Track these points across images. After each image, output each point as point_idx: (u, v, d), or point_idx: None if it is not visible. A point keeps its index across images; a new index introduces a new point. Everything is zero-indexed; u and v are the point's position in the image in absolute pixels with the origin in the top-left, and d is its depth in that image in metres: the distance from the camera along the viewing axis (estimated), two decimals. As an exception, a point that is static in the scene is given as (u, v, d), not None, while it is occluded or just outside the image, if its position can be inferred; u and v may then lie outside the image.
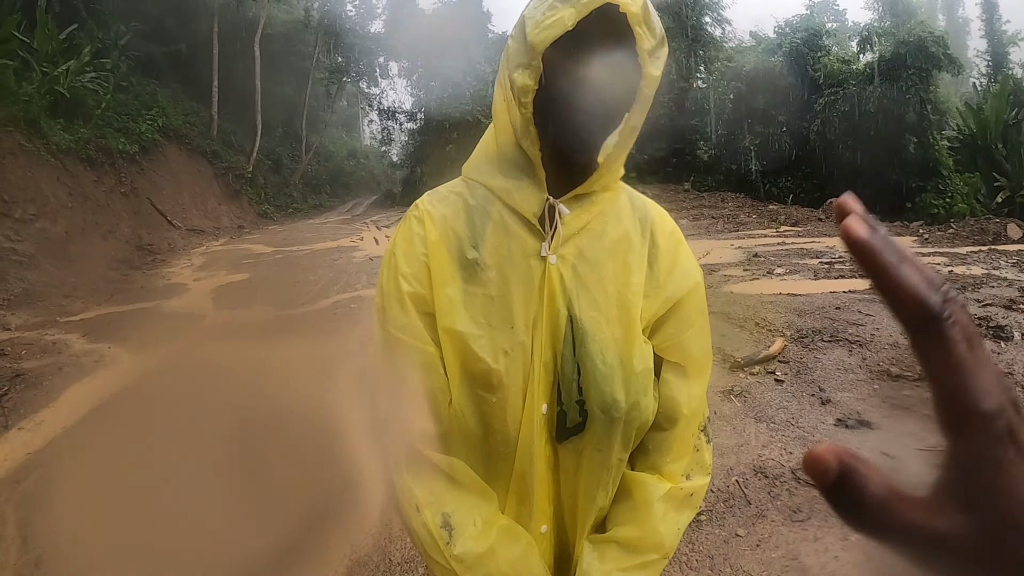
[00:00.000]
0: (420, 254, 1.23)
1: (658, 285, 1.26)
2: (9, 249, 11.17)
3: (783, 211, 21.49)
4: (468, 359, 1.18)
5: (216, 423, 5.38)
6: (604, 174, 1.21)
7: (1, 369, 7.00)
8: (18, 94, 14.12)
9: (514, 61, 1.16)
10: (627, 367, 1.20)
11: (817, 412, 5.15)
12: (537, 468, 1.22)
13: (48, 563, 3.84)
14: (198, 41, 26.19)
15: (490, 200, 1.25)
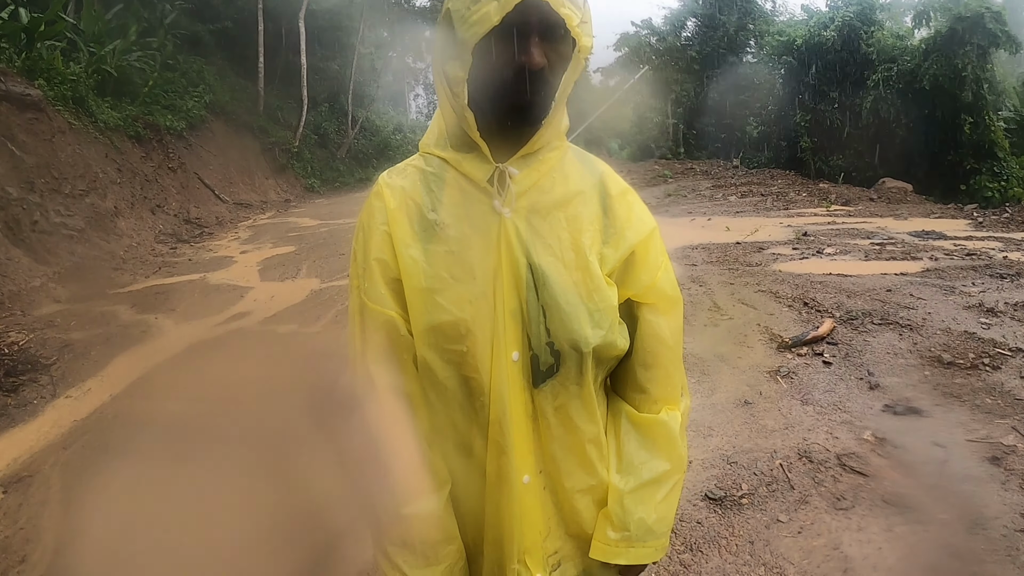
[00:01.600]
0: (380, 223, 1.33)
1: (616, 231, 1.34)
2: (60, 224, 11.37)
3: (834, 190, 21.09)
4: (434, 312, 1.26)
5: (254, 400, 5.42)
6: (544, 133, 1.28)
7: (50, 339, 7.15)
8: (66, 74, 14.33)
9: (445, 53, 1.26)
10: (590, 304, 1.28)
11: (865, 397, 5.05)
12: (513, 415, 1.28)
13: (87, 529, 3.89)
14: (243, 18, 26.22)
15: (445, 168, 1.34)
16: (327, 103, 33.20)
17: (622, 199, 1.38)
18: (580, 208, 1.33)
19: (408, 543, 1.32)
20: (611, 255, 1.32)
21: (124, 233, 13.09)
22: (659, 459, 1.39)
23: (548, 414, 1.31)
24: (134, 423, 5.27)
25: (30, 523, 3.96)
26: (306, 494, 4.20)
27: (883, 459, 4.13)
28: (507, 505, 1.31)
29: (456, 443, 1.37)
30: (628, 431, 1.42)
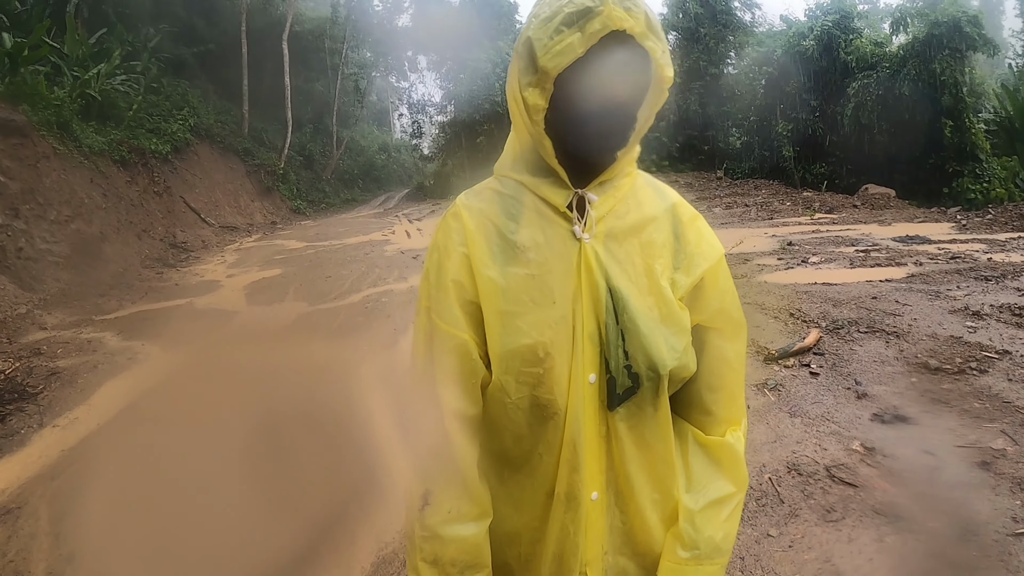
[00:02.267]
0: (458, 244, 1.31)
1: (687, 257, 1.34)
2: (45, 250, 11.32)
3: (817, 198, 21.10)
4: (514, 335, 1.25)
5: (245, 420, 5.42)
6: (622, 161, 1.30)
7: (37, 368, 7.10)
8: (50, 98, 14.32)
9: (524, 79, 1.23)
10: (665, 328, 1.29)
11: (853, 407, 5.04)
12: (587, 436, 1.29)
13: (79, 559, 3.86)
14: (227, 41, 26.36)
15: (522, 191, 1.34)
16: (312, 124, 33.34)
17: (692, 225, 1.39)
18: (653, 234, 1.34)
19: (439, 562, 1.32)
20: (682, 280, 1.33)
21: (110, 259, 13.02)
22: (724, 479, 1.40)
23: (622, 434, 1.31)
24: (123, 451, 5.22)
25: (19, 555, 3.90)
26: (299, 516, 4.20)
27: (872, 469, 4.10)
28: (573, 521, 1.33)
29: (517, 462, 1.38)
30: (695, 452, 1.42)
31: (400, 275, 11.22)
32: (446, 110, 35.97)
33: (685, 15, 28.81)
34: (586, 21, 1.13)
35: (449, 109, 35.34)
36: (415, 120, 40.15)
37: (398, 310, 8.73)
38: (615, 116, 1.19)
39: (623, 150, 1.26)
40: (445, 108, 36.23)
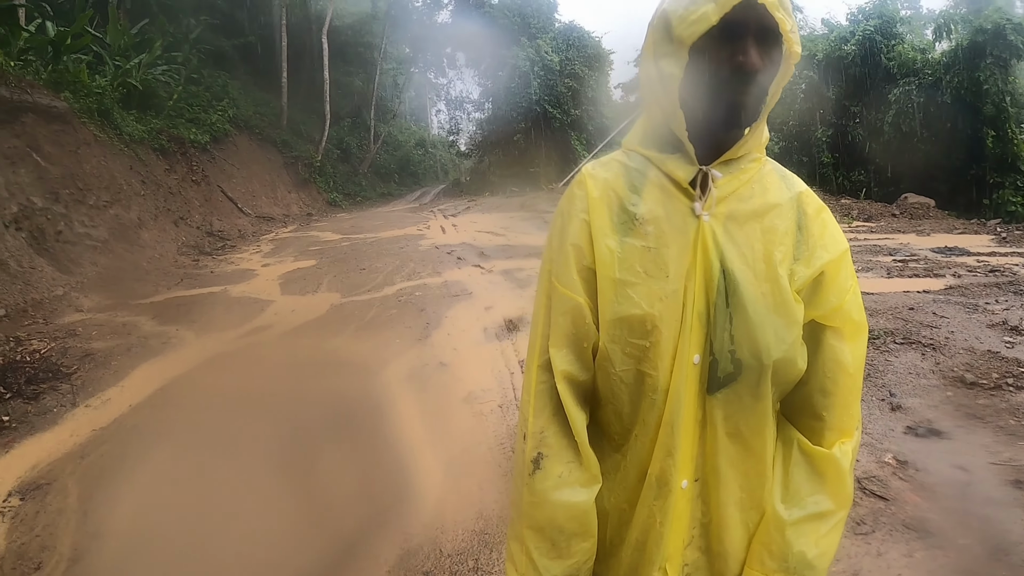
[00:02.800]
0: (580, 211, 1.35)
1: (809, 249, 1.32)
2: (84, 234, 11.44)
3: (856, 205, 20.78)
4: (624, 304, 1.27)
5: (275, 410, 5.46)
6: (748, 139, 1.31)
7: (72, 348, 7.15)
8: (91, 87, 14.60)
9: (660, 50, 1.28)
10: (776, 317, 1.26)
11: (887, 418, 4.91)
12: (684, 420, 1.28)
13: (105, 536, 3.86)
14: (267, 34, 26.60)
15: (647, 165, 1.36)
16: (349, 118, 33.46)
17: (817, 217, 1.36)
18: (775, 221, 1.32)
19: (545, 530, 1.32)
20: (801, 272, 1.30)
21: (147, 244, 13.15)
22: (826, 494, 1.34)
23: (717, 422, 1.29)
24: (153, 433, 5.23)
25: (46, 531, 3.92)
26: (326, 500, 4.18)
27: (904, 482, 3.99)
28: (660, 508, 1.31)
29: (614, 439, 1.39)
30: (798, 461, 1.37)
31: (434, 270, 11.16)
32: (484, 107, 35.92)
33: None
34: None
35: (487, 106, 35.28)
36: (452, 116, 40.19)
37: (431, 304, 8.71)
38: (746, 86, 1.21)
39: (752, 126, 1.28)
40: (483, 105, 36.18)
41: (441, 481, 4.29)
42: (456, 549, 3.58)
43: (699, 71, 1.23)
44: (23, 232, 10.15)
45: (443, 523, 3.81)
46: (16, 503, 4.27)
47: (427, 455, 4.64)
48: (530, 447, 1.33)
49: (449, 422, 5.14)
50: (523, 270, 10.31)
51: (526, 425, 1.36)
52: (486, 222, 18.23)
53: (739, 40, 1.20)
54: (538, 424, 1.34)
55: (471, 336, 7.11)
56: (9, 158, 10.81)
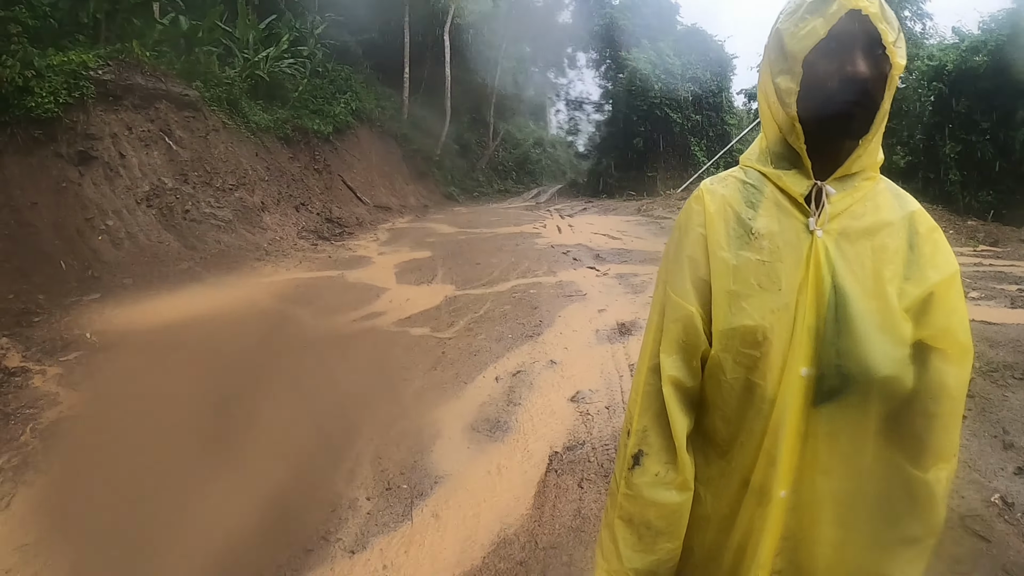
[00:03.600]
0: (698, 225, 1.39)
1: (919, 269, 1.32)
2: (209, 214, 11.89)
3: (982, 228, 19.30)
4: (738, 315, 1.30)
5: (387, 390, 5.63)
6: (862, 155, 1.32)
7: (192, 319, 7.46)
8: (221, 77, 15.35)
9: (776, 67, 1.34)
10: (884, 334, 1.26)
11: (998, 456, 4.51)
12: (788, 430, 1.29)
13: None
14: (390, 30, 27.00)
15: (763, 182, 1.40)
16: (469, 114, 33.76)
17: (929, 236, 1.36)
18: (887, 239, 1.33)
19: (634, 523, 1.38)
20: (911, 291, 1.31)
21: (269, 227, 13.56)
22: (918, 519, 1.35)
23: (819, 435, 1.30)
24: (266, 401, 5.31)
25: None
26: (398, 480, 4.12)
27: (1009, 525, 3.69)
28: (761, 516, 1.33)
29: (720, 445, 1.41)
30: (894, 483, 1.35)
31: (549, 269, 11.03)
32: (603, 109, 35.79)
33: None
34: (826, 5, 1.24)
35: (606, 108, 35.11)
36: (571, 117, 40.29)
37: (545, 302, 8.60)
38: (857, 93, 1.23)
39: (866, 137, 1.29)
40: (602, 107, 36.07)
41: (541, 475, 4.30)
42: (551, 543, 3.59)
43: (813, 83, 1.27)
44: (153, 209, 10.60)
45: (541, 516, 3.84)
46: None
47: (530, 450, 4.66)
48: (632, 443, 1.40)
49: (555, 420, 5.10)
50: (638, 275, 10.05)
51: (631, 422, 1.43)
52: (602, 224, 17.98)
53: (847, 51, 1.24)
54: (642, 423, 1.40)
55: (583, 337, 6.99)
56: (143, 141, 11.33)
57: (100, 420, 4.99)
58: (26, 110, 9.05)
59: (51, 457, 4.36)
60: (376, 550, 3.55)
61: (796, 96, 1.29)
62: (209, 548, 3.48)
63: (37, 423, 4.75)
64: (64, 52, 10.55)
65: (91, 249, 9.04)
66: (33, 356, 5.99)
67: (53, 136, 9.48)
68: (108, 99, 10.92)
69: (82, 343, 6.38)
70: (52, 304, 7.43)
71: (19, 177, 8.75)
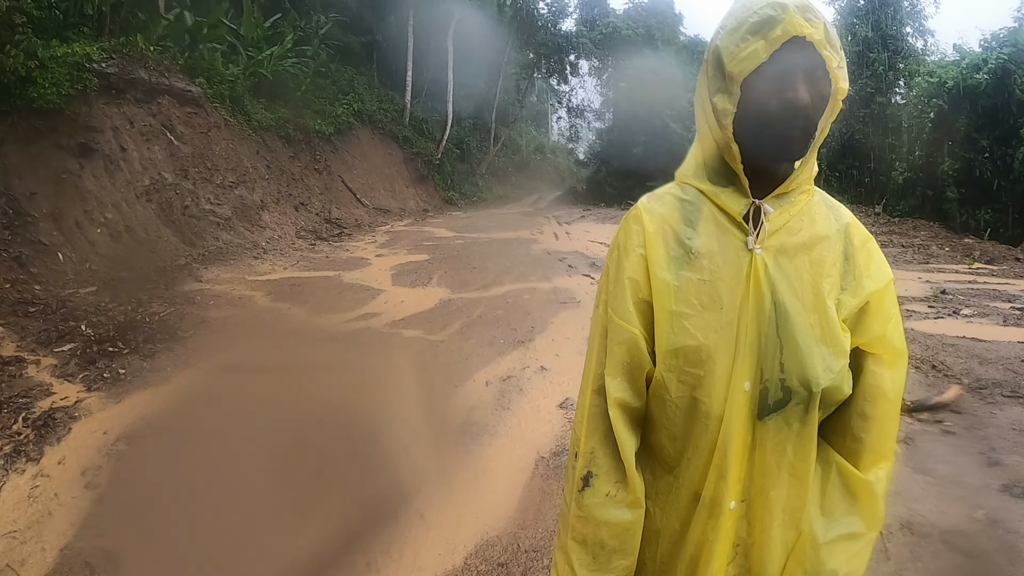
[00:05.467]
0: (637, 246, 1.39)
1: (855, 279, 1.36)
2: (209, 211, 11.90)
3: (978, 246, 19.14)
4: (681, 335, 1.31)
5: (371, 392, 5.63)
6: (799, 175, 1.34)
7: (189, 315, 7.37)
8: (224, 74, 15.40)
9: (713, 86, 1.34)
10: (824, 346, 1.30)
11: (983, 473, 4.51)
12: (735, 444, 1.31)
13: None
14: (394, 33, 26.99)
15: (701, 200, 1.40)
16: (471, 119, 33.83)
17: (863, 247, 1.40)
18: (824, 253, 1.36)
19: (588, 543, 1.39)
20: (848, 302, 1.35)
21: (267, 225, 13.60)
22: (859, 516, 1.39)
23: (766, 447, 1.34)
24: (254, 402, 5.33)
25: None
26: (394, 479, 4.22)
27: (992, 543, 3.69)
28: (713, 528, 1.35)
29: (667, 462, 1.43)
30: (835, 483, 1.41)
31: (544, 275, 11.08)
32: (604, 117, 35.90)
33: (854, 38, 27.01)
34: (769, 29, 1.22)
35: (607, 116, 35.25)
36: (572, 124, 40.35)
37: (538, 308, 8.63)
38: (797, 120, 1.24)
39: (801, 160, 1.31)
40: (603, 115, 36.15)
41: (527, 479, 4.33)
42: (533, 546, 3.61)
43: (750, 106, 1.27)
44: (152, 204, 10.61)
45: (524, 520, 3.86)
46: (123, 448, 4.40)
47: (515, 452, 4.69)
48: (580, 465, 1.41)
49: (543, 425, 5.13)
50: (632, 284, 10.04)
51: (578, 444, 1.43)
52: (599, 232, 18.03)
53: (788, 76, 1.23)
54: (590, 444, 1.41)
55: (574, 344, 7.00)
56: (145, 135, 11.34)
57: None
58: (28, 100, 9.02)
59: (45, 448, 4.39)
60: (358, 548, 3.57)
61: (733, 117, 1.30)
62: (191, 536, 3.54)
63: (30, 412, 4.75)
64: (68, 44, 10.55)
65: (89, 241, 9.03)
66: (28, 346, 5.98)
67: (54, 127, 9.46)
68: (111, 92, 10.91)
69: (77, 335, 6.38)
70: (48, 295, 7.42)
71: (19, 167, 8.73)
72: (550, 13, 36.17)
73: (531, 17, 34.72)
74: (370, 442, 4.70)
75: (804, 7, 1.23)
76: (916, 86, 25.26)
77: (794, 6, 1.23)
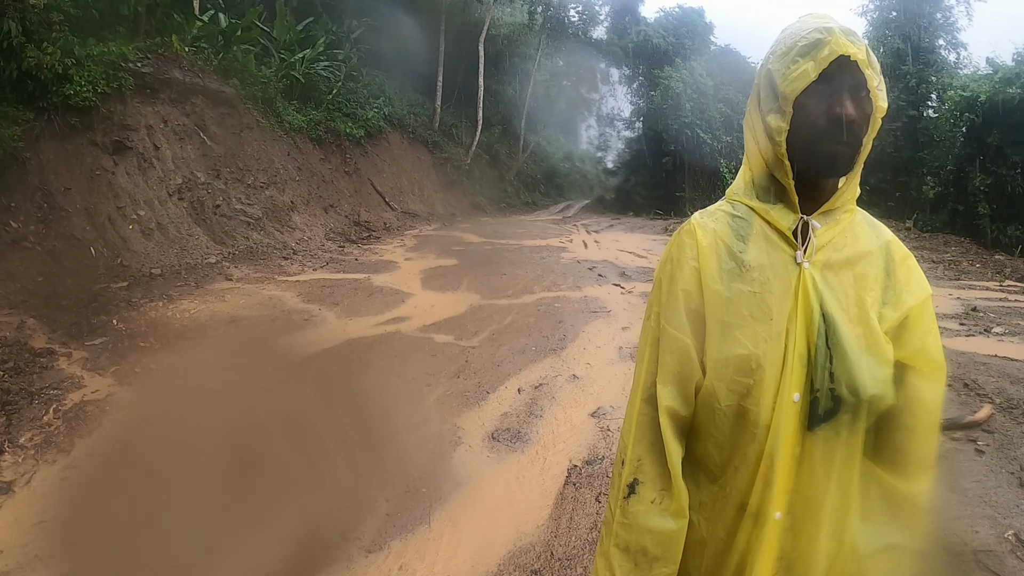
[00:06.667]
0: (691, 258, 1.45)
1: (896, 293, 1.41)
2: (240, 210, 11.95)
3: (1010, 263, 18.61)
4: (731, 345, 1.36)
5: (410, 395, 5.64)
6: (845, 191, 1.42)
7: (219, 313, 7.33)
8: (258, 76, 15.50)
9: (766, 107, 1.42)
10: (870, 357, 1.33)
11: (1014, 493, 4.41)
12: (783, 454, 1.33)
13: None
14: (426, 38, 27.05)
15: (752, 216, 1.47)
16: (500, 125, 33.81)
17: (903, 263, 1.45)
18: (866, 268, 1.41)
19: (631, 550, 1.41)
20: (889, 315, 1.39)
21: (297, 227, 13.65)
22: (900, 528, 1.40)
23: (814, 458, 1.34)
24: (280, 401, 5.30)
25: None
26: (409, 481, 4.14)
27: (1021, 562, 3.65)
28: (757, 538, 1.36)
29: (712, 471, 1.44)
30: (877, 495, 1.42)
31: (575, 283, 11.01)
32: (634, 126, 35.76)
33: (886, 49, 26.67)
34: (817, 50, 1.31)
35: (637, 125, 35.08)
36: (602, 132, 40.37)
37: (569, 317, 8.57)
38: (843, 135, 1.31)
39: (849, 175, 1.39)
40: (633, 124, 36.03)
41: (560, 487, 4.29)
42: (567, 554, 3.58)
43: (802, 123, 1.34)
44: (184, 202, 10.67)
45: (558, 527, 3.84)
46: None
47: (548, 460, 4.67)
48: (627, 472, 1.44)
49: (575, 433, 5.09)
50: (663, 295, 9.90)
51: (625, 452, 1.47)
52: (629, 242, 17.97)
53: (836, 94, 1.31)
54: (637, 452, 1.44)
55: (605, 354, 6.97)
56: (178, 134, 11.42)
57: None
58: (64, 97, 9.10)
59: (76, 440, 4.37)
60: (392, 551, 3.56)
61: (786, 135, 1.36)
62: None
63: (60, 404, 4.76)
64: (104, 43, 10.65)
65: (121, 237, 9.08)
66: (59, 339, 6.00)
67: (90, 124, 9.55)
68: (145, 91, 10.99)
69: (108, 329, 6.38)
70: (80, 289, 7.46)
71: (54, 162, 8.80)
72: (581, 21, 36.15)
73: (562, 24, 34.69)
74: (404, 447, 4.71)
75: (848, 31, 1.33)
76: (948, 100, 24.77)
77: (839, 29, 1.32)
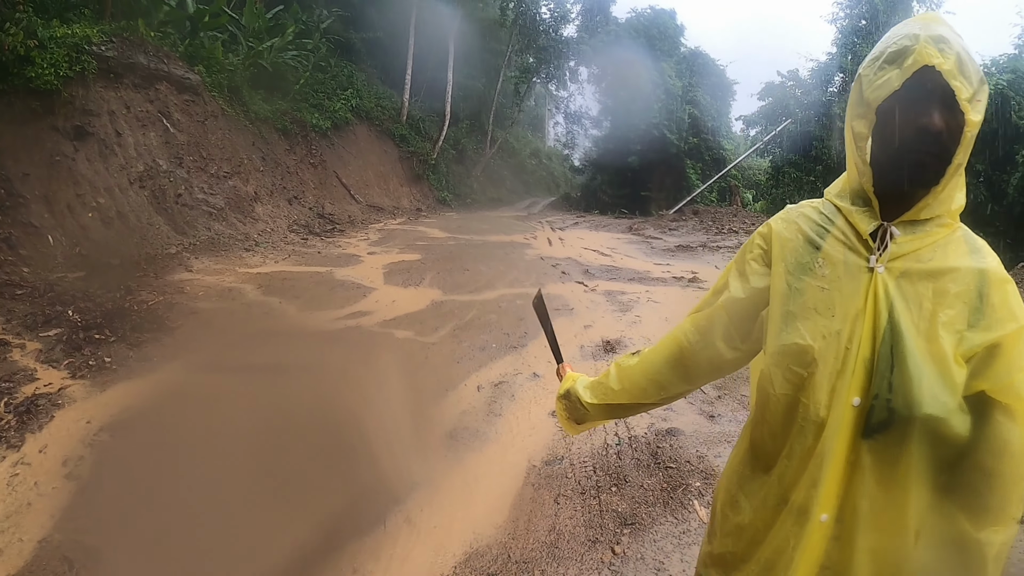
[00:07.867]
0: (758, 246, 1.58)
1: (986, 318, 1.32)
2: (202, 200, 11.82)
3: None
4: (791, 334, 1.40)
5: (357, 395, 5.56)
6: (931, 203, 1.37)
7: (178, 305, 7.30)
8: (224, 64, 15.23)
9: (854, 112, 1.42)
10: (933, 375, 1.28)
11: None
12: (835, 456, 1.33)
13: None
14: (396, 30, 26.87)
15: (836, 215, 1.49)
16: (468, 120, 33.73)
17: (1000, 287, 1.36)
18: (949, 284, 1.34)
19: (598, 380, 1.94)
20: (975, 338, 1.31)
21: (260, 218, 13.52)
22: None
23: (867, 466, 1.32)
24: (240, 398, 5.26)
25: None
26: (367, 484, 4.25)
27: None
28: (796, 535, 1.38)
29: (764, 460, 1.50)
30: (945, 539, 1.32)
31: (538, 280, 11.00)
32: (601, 125, 35.72)
33: (855, 57, 27.13)
34: (903, 58, 1.30)
35: (604, 124, 35.04)
36: (569, 130, 40.24)
37: (531, 314, 8.47)
38: (928, 147, 1.30)
39: (936, 188, 1.34)
40: (600, 123, 36.00)
41: (518, 488, 4.28)
42: (524, 557, 3.57)
43: (884, 131, 1.34)
44: (145, 191, 10.53)
45: (515, 529, 3.82)
46: (106, 438, 4.33)
47: (507, 460, 4.65)
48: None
49: (535, 433, 5.07)
50: (625, 293, 9.95)
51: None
52: (593, 240, 17.99)
53: (919, 103, 1.29)
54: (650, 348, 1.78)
55: (567, 352, 6.88)
56: (141, 121, 11.26)
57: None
58: (26, 80, 8.93)
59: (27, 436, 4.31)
60: (346, 552, 3.53)
61: (868, 141, 1.36)
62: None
63: (12, 398, 4.68)
64: (68, 25, 10.43)
65: (80, 226, 8.94)
66: (13, 329, 5.91)
67: (51, 109, 9.38)
68: (109, 76, 10.80)
69: (63, 320, 6.29)
70: (37, 278, 7.35)
71: (13, 147, 8.64)
72: (552, 18, 36.09)
73: (533, 21, 34.63)
74: (359, 444, 4.64)
75: (938, 39, 1.29)
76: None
77: (928, 36, 1.29)
